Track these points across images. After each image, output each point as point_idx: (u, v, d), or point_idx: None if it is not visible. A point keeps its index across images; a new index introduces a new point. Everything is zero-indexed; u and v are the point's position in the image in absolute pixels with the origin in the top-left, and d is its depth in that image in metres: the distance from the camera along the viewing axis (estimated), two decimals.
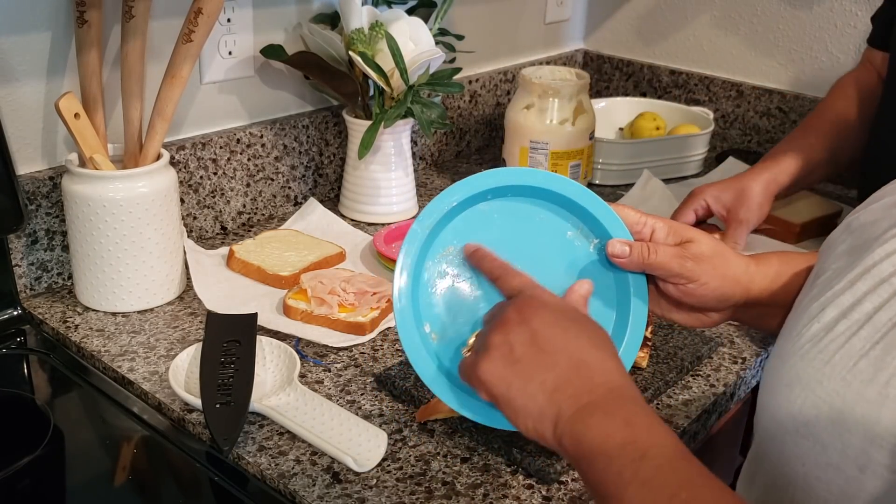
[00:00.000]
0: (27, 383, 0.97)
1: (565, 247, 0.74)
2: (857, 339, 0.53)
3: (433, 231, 0.72)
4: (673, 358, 0.96)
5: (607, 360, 0.59)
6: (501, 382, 0.59)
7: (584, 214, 0.74)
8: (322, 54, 1.23)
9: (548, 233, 0.74)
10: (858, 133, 1.23)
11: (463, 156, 1.61)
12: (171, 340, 0.98)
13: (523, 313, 0.61)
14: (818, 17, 1.52)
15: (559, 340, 0.59)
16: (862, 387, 0.52)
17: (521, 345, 0.59)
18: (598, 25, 1.82)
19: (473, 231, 0.73)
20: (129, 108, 1.01)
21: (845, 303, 0.56)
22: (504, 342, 0.60)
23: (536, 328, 0.59)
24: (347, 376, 0.93)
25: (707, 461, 0.68)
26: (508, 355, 0.59)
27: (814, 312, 0.58)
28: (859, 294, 0.55)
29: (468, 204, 0.73)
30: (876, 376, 0.51)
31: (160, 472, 0.84)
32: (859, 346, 0.53)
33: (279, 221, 1.28)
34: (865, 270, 0.56)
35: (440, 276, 0.73)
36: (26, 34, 1.00)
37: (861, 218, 0.62)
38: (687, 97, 1.70)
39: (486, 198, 0.74)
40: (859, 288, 0.55)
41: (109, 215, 0.98)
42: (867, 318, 0.54)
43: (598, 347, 0.59)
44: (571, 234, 0.75)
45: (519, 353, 0.59)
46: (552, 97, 1.34)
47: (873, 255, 0.56)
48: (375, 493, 0.76)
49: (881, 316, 0.53)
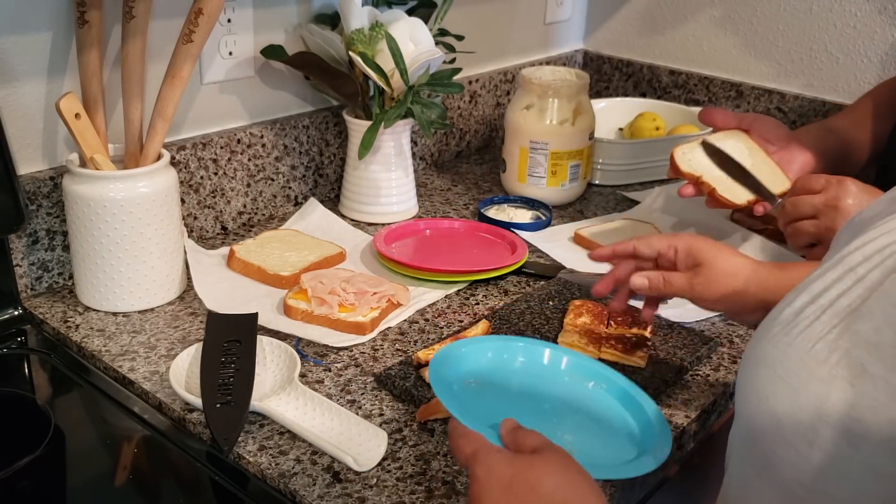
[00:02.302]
0: (28, 383, 0.97)
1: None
2: (818, 323, 0.56)
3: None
4: (673, 358, 0.96)
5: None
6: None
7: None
8: (322, 55, 1.23)
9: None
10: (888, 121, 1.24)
11: (463, 156, 1.61)
12: (171, 340, 0.98)
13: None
14: (818, 17, 1.52)
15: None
16: (816, 366, 0.54)
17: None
18: (597, 26, 1.82)
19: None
20: (130, 109, 1.02)
21: (816, 290, 0.58)
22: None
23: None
24: (348, 376, 0.93)
25: (707, 460, 0.69)
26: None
27: (789, 299, 0.60)
28: (829, 282, 0.58)
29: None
30: (829, 357, 0.54)
31: (161, 471, 0.84)
32: (819, 330, 0.56)
33: (279, 221, 1.29)
34: (839, 260, 0.58)
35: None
36: (27, 34, 1.00)
37: (864, 213, 0.63)
38: (687, 97, 1.70)
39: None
40: (829, 276, 0.58)
41: (110, 215, 0.98)
42: (830, 304, 0.56)
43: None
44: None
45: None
46: (552, 97, 1.34)
47: (849, 246, 0.58)
48: (375, 493, 0.76)
49: (842, 302, 0.56)
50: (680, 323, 1.04)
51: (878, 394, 0.51)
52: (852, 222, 0.64)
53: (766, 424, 0.57)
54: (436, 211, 1.36)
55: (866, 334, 0.53)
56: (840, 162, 1.24)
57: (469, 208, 1.38)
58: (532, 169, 1.36)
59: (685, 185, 1.17)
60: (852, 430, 0.52)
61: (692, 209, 1.34)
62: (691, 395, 0.93)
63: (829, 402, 0.53)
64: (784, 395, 0.56)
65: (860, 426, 0.51)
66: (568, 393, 0.86)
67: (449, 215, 1.34)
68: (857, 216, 0.64)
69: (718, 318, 1.07)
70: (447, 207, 1.38)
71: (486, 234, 1.25)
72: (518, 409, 0.82)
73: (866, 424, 0.51)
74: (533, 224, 1.29)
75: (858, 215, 0.64)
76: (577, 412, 0.84)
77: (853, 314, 0.54)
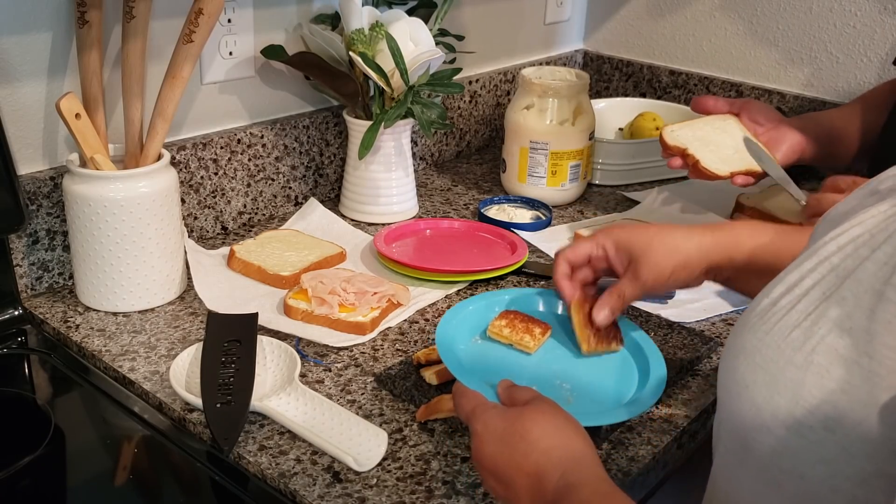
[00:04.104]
0: (28, 383, 0.97)
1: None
2: (794, 312, 0.57)
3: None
4: (673, 358, 0.96)
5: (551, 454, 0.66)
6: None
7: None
8: (322, 55, 1.23)
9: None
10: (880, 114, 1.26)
11: (463, 156, 1.61)
12: (171, 340, 0.98)
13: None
14: (818, 17, 1.52)
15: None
16: (792, 353, 0.56)
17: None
18: (597, 26, 1.82)
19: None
20: (130, 109, 1.02)
21: (791, 280, 0.60)
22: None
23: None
24: (348, 376, 0.93)
25: (707, 460, 0.69)
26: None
27: (767, 290, 0.61)
28: (804, 271, 0.59)
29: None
30: (804, 344, 0.55)
31: (161, 471, 0.84)
32: (795, 318, 0.57)
33: (280, 221, 1.29)
34: (814, 251, 0.59)
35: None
36: (27, 34, 1.00)
37: (840, 207, 0.64)
38: (687, 97, 1.70)
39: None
40: (805, 266, 0.59)
41: (110, 215, 0.98)
42: (805, 293, 0.58)
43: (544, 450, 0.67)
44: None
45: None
46: (552, 97, 1.34)
47: (825, 237, 0.60)
48: (376, 493, 0.76)
49: (816, 290, 0.57)
50: (680, 323, 1.04)
51: (852, 377, 0.52)
52: (829, 216, 0.65)
53: (746, 412, 0.58)
54: (436, 211, 1.36)
55: (839, 320, 0.54)
56: (829, 149, 1.27)
57: (469, 208, 1.38)
58: (532, 169, 1.36)
59: (673, 158, 1.21)
60: (828, 414, 0.53)
61: (692, 209, 1.34)
62: (691, 395, 0.93)
63: (805, 388, 0.54)
64: (762, 382, 0.57)
65: (835, 410, 0.53)
66: (573, 340, 0.93)
67: (449, 215, 1.34)
68: (832, 210, 0.65)
69: (718, 318, 1.07)
70: (447, 207, 1.38)
71: (486, 234, 1.25)
72: (519, 361, 0.90)
73: (841, 408, 0.52)
74: (533, 224, 1.29)
75: (835, 209, 0.65)
76: (579, 360, 0.91)
77: (827, 301, 0.56)
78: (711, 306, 1.08)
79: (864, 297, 0.54)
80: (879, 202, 0.59)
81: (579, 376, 0.88)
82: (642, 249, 0.87)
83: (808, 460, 0.54)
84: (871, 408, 0.51)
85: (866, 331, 0.53)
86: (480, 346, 0.92)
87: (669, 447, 0.86)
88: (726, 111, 1.27)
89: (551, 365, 0.90)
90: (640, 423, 0.87)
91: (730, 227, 0.88)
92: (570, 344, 0.93)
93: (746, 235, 0.85)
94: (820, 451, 0.53)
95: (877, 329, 0.52)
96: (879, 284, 0.53)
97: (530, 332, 0.91)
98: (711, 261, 0.86)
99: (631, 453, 0.83)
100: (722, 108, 1.27)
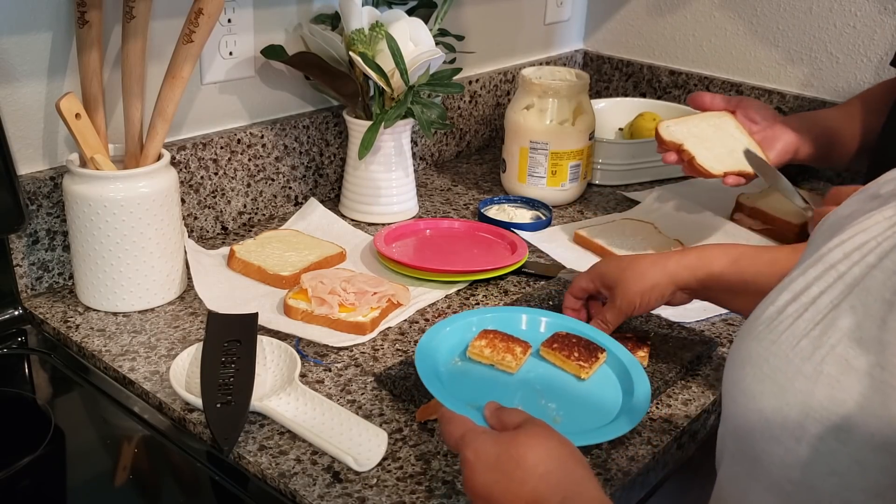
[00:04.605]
0: (28, 383, 0.97)
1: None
2: (801, 321, 0.57)
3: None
4: (673, 358, 0.96)
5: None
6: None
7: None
8: (322, 55, 1.23)
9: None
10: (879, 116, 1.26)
11: (463, 156, 1.61)
12: (171, 340, 0.98)
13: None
14: (817, 17, 1.52)
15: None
16: (801, 363, 0.55)
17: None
18: (597, 26, 1.82)
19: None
20: (130, 109, 1.02)
21: (797, 288, 0.59)
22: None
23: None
24: (348, 376, 0.93)
25: (707, 460, 0.69)
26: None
27: (772, 297, 0.61)
28: (810, 279, 0.58)
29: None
30: (814, 354, 0.55)
31: (161, 471, 0.84)
32: (803, 327, 0.56)
33: (280, 221, 1.29)
34: (819, 258, 0.59)
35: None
36: (27, 34, 1.00)
37: (840, 210, 0.64)
38: (687, 97, 1.70)
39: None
40: (810, 274, 0.58)
41: (110, 215, 0.98)
42: (812, 301, 0.57)
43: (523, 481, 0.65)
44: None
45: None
46: (552, 97, 1.34)
47: (829, 243, 0.59)
48: (376, 493, 0.76)
49: (824, 299, 0.56)
50: (680, 323, 1.04)
51: (864, 388, 0.52)
52: (828, 220, 0.64)
53: (755, 423, 0.57)
54: (436, 211, 1.36)
55: (849, 330, 0.54)
56: (825, 149, 1.26)
57: (469, 208, 1.38)
58: (532, 169, 1.36)
59: (668, 154, 1.21)
60: (839, 425, 0.52)
61: (692, 209, 1.34)
62: (691, 395, 0.93)
63: (815, 398, 0.53)
64: (771, 392, 0.56)
65: (846, 421, 0.52)
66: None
67: (449, 215, 1.34)
68: (832, 214, 0.65)
69: (718, 318, 1.07)
70: (447, 207, 1.38)
71: (486, 234, 1.25)
72: (503, 382, 0.89)
73: (852, 419, 0.52)
74: (533, 224, 1.29)
75: (834, 213, 0.64)
76: (561, 377, 0.90)
77: (836, 310, 0.55)
78: (711, 306, 1.08)
79: (874, 306, 0.53)
80: (882, 207, 0.58)
81: (564, 393, 0.87)
82: (616, 279, 0.94)
83: (820, 472, 0.53)
84: (884, 419, 0.50)
85: (878, 341, 0.52)
86: (461, 367, 0.89)
87: (669, 447, 0.86)
88: (723, 108, 1.27)
89: (534, 384, 0.88)
90: (640, 423, 0.87)
91: (699, 249, 0.94)
92: (549, 362, 0.91)
93: (714, 257, 0.92)
94: (831, 462, 0.52)
95: (888, 339, 0.51)
96: (889, 294, 0.53)
97: (511, 352, 0.89)
98: (678, 282, 0.92)
99: (631, 453, 0.83)
100: (718, 105, 1.28)
